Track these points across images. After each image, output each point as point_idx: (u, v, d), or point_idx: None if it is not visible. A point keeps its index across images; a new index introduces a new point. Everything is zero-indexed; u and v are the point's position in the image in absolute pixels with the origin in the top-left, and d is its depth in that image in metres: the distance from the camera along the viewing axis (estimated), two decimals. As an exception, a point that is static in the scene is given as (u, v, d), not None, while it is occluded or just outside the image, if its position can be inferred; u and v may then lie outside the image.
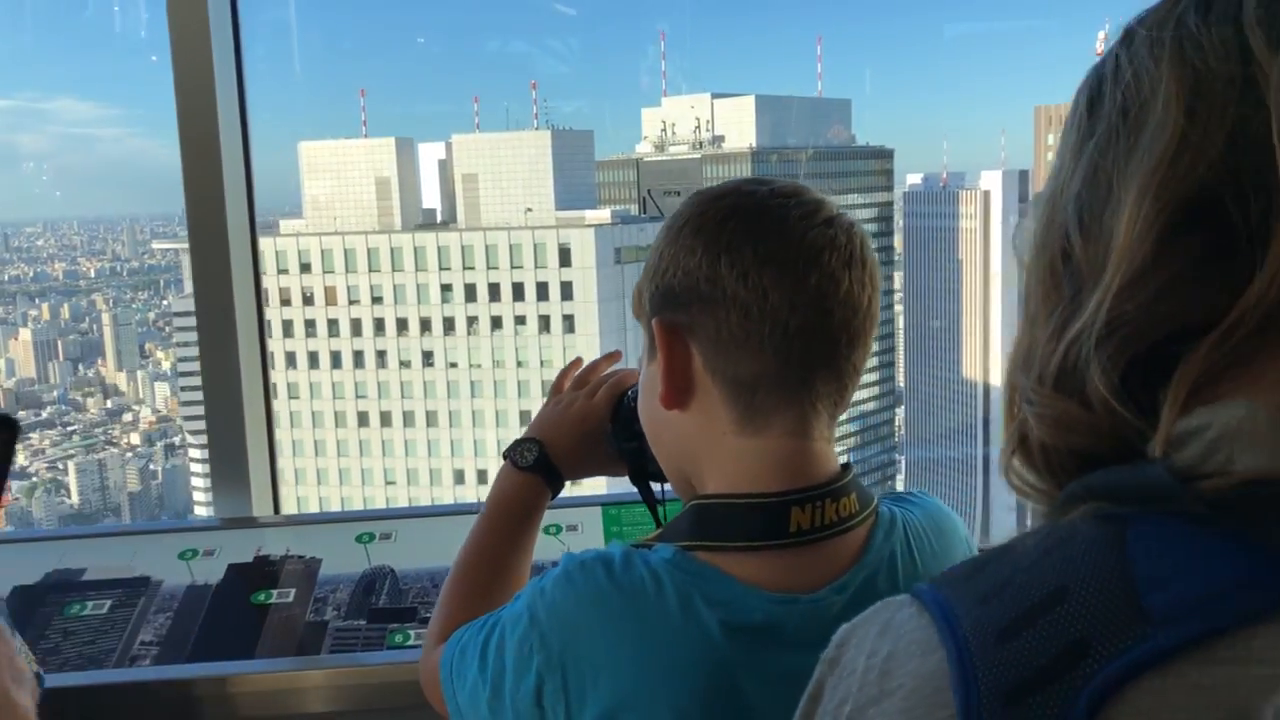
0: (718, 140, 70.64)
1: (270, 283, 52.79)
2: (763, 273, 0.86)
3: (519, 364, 52.03)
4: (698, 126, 71.30)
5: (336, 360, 53.15)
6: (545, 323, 51.64)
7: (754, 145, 69.91)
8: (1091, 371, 0.54)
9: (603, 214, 54.89)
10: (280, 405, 53.40)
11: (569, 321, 51.35)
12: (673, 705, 0.83)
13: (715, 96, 73.31)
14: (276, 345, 52.89)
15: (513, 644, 0.88)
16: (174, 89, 1.82)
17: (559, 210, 55.29)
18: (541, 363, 51.59)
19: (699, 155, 68.35)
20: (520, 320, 51.79)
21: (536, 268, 51.44)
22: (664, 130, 71.70)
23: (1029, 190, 66.64)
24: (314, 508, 52.66)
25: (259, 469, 1.92)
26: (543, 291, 51.43)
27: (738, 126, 71.29)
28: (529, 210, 55.41)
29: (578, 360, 1.26)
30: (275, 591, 1.65)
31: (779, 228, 0.88)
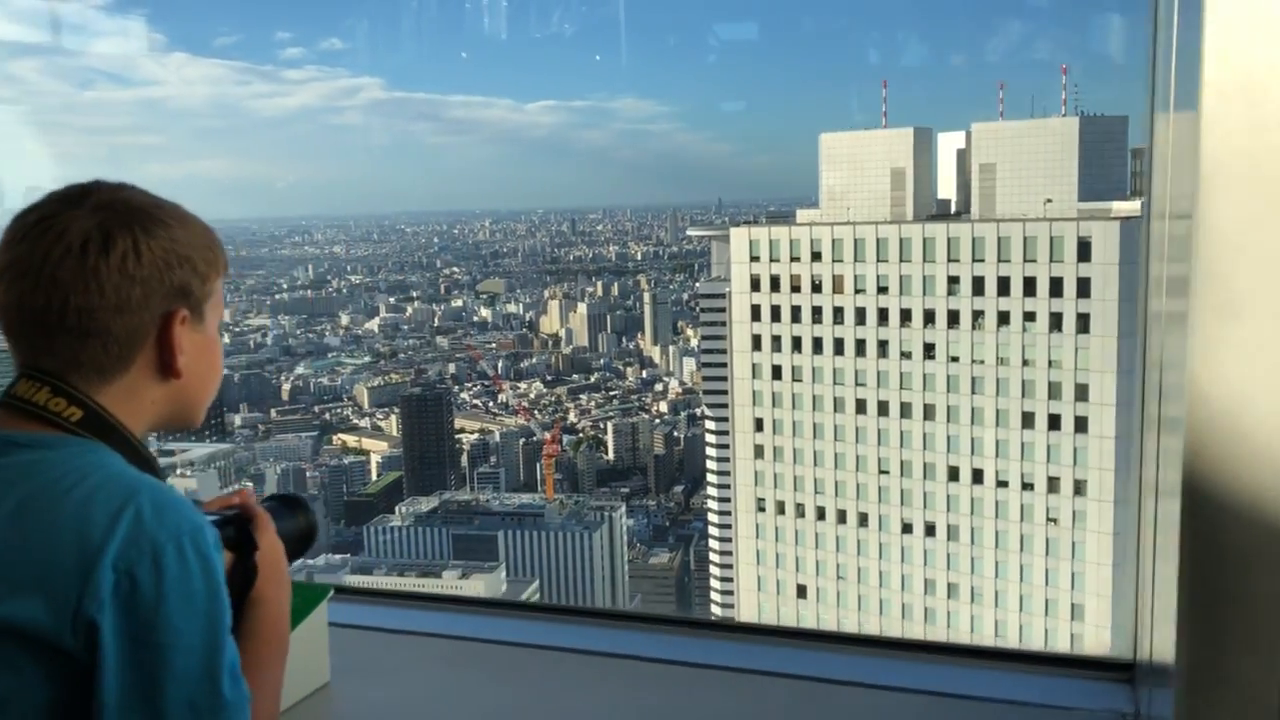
0: (1285, 122, 61.83)
1: (782, 270, 55.16)
2: None
3: (1025, 362, 49.62)
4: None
5: (839, 347, 54.26)
6: (1057, 320, 48.72)
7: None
8: None
9: (1132, 205, 50.50)
10: (783, 387, 55.68)
11: (1083, 320, 47.99)
12: None
13: (1285, 72, 64.13)
14: (784, 330, 55.18)
15: None
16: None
17: (1082, 201, 51.79)
18: (1050, 363, 48.81)
19: (1259, 139, 60.31)
20: (1029, 317, 49.31)
21: (1051, 262, 48.64)
22: (1218, 112, 64.14)
23: None
24: (788, 482, 54.83)
25: None
26: (1056, 287, 48.55)
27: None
28: (1048, 201, 52.51)
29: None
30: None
31: None
